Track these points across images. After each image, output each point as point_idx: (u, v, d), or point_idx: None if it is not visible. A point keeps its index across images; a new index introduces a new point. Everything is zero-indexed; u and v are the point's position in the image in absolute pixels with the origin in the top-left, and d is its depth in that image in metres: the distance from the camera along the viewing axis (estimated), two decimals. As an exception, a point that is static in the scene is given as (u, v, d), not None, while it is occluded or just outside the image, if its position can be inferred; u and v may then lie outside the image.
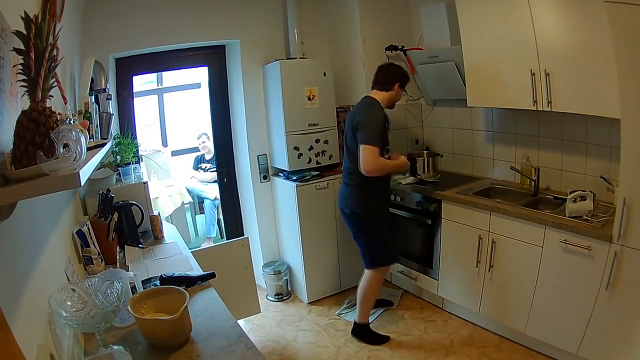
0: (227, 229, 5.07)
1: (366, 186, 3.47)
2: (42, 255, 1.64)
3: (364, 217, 3.56)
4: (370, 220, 3.56)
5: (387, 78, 3.57)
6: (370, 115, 3.40)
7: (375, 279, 3.66)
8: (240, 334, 1.86)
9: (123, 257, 2.88)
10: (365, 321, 3.76)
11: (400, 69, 3.63)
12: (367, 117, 3.39)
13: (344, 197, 3.64)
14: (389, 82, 3.54)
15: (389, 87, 3.54)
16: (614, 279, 2.65)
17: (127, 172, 3.56)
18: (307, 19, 4.53)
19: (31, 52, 1.17)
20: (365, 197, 3.51)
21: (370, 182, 3.44)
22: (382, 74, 3.60)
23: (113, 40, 3.72)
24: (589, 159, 3.35)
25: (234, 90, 4.61)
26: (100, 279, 1.79)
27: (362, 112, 3.45)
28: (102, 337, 1.73)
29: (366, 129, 3.34)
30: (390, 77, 3.56)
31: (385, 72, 3.60)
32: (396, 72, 3.58)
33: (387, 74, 3.58)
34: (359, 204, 3.53)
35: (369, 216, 3.55)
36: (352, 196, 3.56)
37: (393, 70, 3.60)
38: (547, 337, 3.15)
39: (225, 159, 4.85)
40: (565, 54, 2.91)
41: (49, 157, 1.13)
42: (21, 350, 1.11)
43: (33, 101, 1.20)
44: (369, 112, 3.43)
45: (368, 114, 3.41)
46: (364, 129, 3.34)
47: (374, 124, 3.37)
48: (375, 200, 3.54)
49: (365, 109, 3.48)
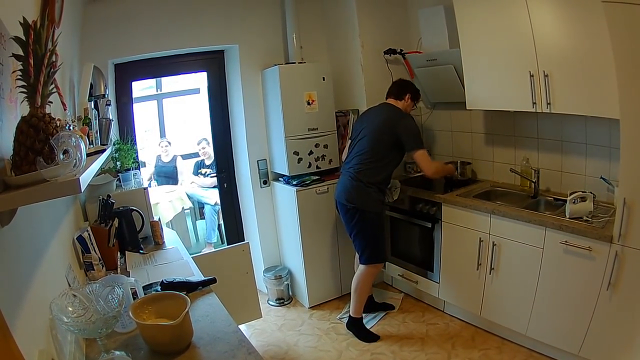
0: (228, 234, 5.06)
1: (374, 184, 3.65)
2: (43, 261, 1.64)
3: (368, 212, 3.65)
4: (373, 216, 3.67)
5: (398, 89, 3.84)
6: (410, 122, 3.69)
7: (370, 273, 3.79)
8: (241, 339, 1.85)
9: (124, 263, 2.88)
10: (359, 315, 3.85)
11: (410, 84, 3.94)
12: (409, 123, 3.66)
13: (346, 190, 3.72)
14: (401, 94, 3.81)
15: (401, 97, 3.80)
16: (615, 279, 2.64)
17: (127, 178, 3.56)
18: (305, 24, 4.53)
19: (30, 58, 1.17)
20: (370, 193, 3.64)
21: (380, 181, 3.67)
22: (396, 85, 3.89)
23: (112, 45, 3.72)
24: (588, 159, 3.35)
25: (233, 95, 4.60)
26: (101, 284, 1.79)
27: (401, 120, 3.67)
28: (103, 342, 1.73)
29: (413, 136, 3.64)
30: (402, 89, 3.83)
31: (398, 85, 3.88)
32: (409, 86, 3.88)
33: (401, 86, 3.86)
34: (364, 200, 3.65)
35: (373, 212, 3.66)
36: (359, 191, 3.65)
37: (405, 83, 3.91)
38: (548, 338, 3.14)
39: (225, 164, 4.84)
40: (564, 55, 2.92)
41: (49, 163, 1.13)
42: (23, 356, 1.11)
43: (32, 107, 1.20)
44: (407, 120, 3.69)
45: (408, 121, 3.68)
46: (412, 136, 3.63)
47: (416, 129, 3.70)
48: (378, 197, 3.69)
49: (401, 116, 3.70)
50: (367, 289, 3.84)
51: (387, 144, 3.64)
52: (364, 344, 3.73)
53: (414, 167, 4.56)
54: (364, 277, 3.77)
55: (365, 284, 3.78)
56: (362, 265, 3.78)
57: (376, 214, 3.69)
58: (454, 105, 4.26)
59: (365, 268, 3.75)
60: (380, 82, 4.30)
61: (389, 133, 3.62)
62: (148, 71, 4.40)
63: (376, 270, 3.84)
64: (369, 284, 3.83)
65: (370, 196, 3.64)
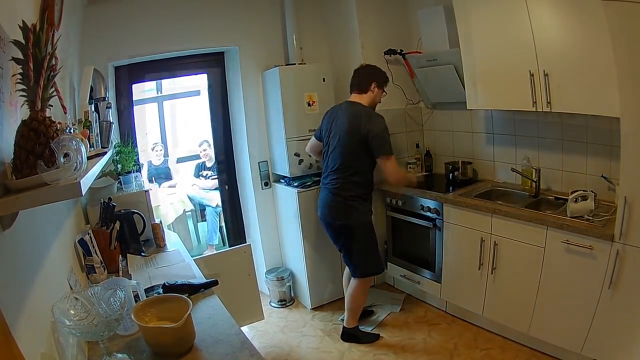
0: (229, 236, 5.06)
1: (357, 196, 3.47)
2: (44, 264, 1.64)
3: (357, 227, 3.52)
4: (363, 229, 3.54)
5: (360, 80, 3.55)
6: (380, 124, 3.38)
7: (366, 287, 3.71)
8: (243, 341, 1.85)
9: (125, 266, 2.87)
10: (354, 325, 3.78)
11: (375, 68, 3.59)
12: (378, 126, 3.37)
13: (329, 207, 3.57)
14: (364, 84, 3.53)
15: (366, 89, 3.52)
16: (617, 277, 2.64)
17: (128, 181, 3.56)
18: (305, 25, 4.54)
19: (30, 62, 1.17)
20: (355, 206, 3.48)
21: (362, 192, 3.47)
22: (356, 77, 3.59)
23: (112, 48, 3.73)
24: (589, 158, 3.35)
25: (233, 97, 4.61)
26: (103, 287, 1.78)
27: (370, 121, 3.39)
28: (105, 345, 1.73)
29: (381, 140, 3.35)
30: (364, 79, 3.54)
31: (361, 73, 3.58)
32: (370, 72, 3.56)
33: (360, 76, 3.57)
34: (351, 215, 3.50)
35: (362, 225, 3.53)
36: (344, 207, 3.50)
37: (367, 71, 3.58)
38: (550, 337, 3.14)
39: (226, 166, 4.84)
40: (564, 54, 2.92)
41: (50, 166, 1.14)
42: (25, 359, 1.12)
43: (33, 111, 1.20)
44: (376, 121, 3.40)
45: (377, 123, 3.38)
46: (380, 140, 3.35)
47: (385, 133, 3.39)
48: (365, 208, 3.53)
49: (367, 119, 3.40)
50: (363, 302, 3.76)
51: (359, 153, 3.42)
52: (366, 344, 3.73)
53: (414, 167, 4.56)
54: (359, 291, 3.66)
55: (361, 298, 3.70)
56: (355, 280, 3.66)
57: (365, 226, 3.55)
58: (454, 105, 4.26)
59: (359, 281, 3.64)
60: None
61: (358, 141, 3.38)
62: (148, 73, 4.42)
63: (369, 282, 3.76)
64: (364, 296, 3.75)
65: (357, 209, 3.49)
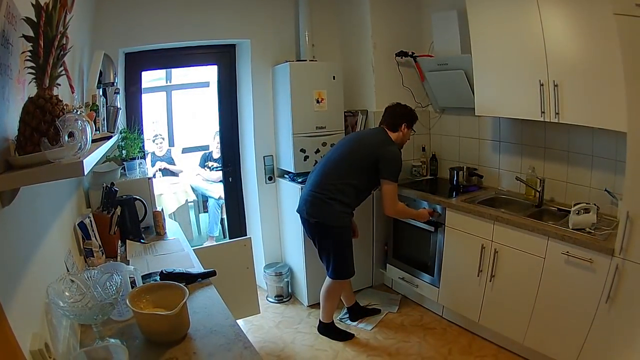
0: (230, 228, 5.07)
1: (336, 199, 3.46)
2: (42, 245, 1.64)
3: (331, 227, 3.52)
4: (337, 230, 3.54)
5: (393, 120, 3.59)
6: (394, 153, 3.46)
7: (337, 288, 3.75)
8: (238, 333, 1.85)
9: (124, 252, 2.88)
10: (330, 320, 3.84)
11: (406, 108, 3.64)
12: (392, 154, 3.45)
13: (306, 202, 3.58)
14: (396, 124, 3.57)
15: (396, 128, 3.57)
16: (615, 292, 2.63)
17: (132, 167, 3.57)
18: (318, 22, 4.52)
19: (40, 40, 1.17)
20: (333, 205, 3.47)
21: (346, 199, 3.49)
22: (388, 115, 3.63)
23: (124, 34, 3.73)
24: (594, 171, 3.33)
25: (242, 90, 4.61)
26: (100, 271, 1.78)
27: (385, 147, 3.46)
28: (99, 329, 1.72)
29: (392, 165, 3.43)
30: (397, 119, 3.58)
31: (392, 114, 3.61)
32: (403, 113, 3.59)
33: (394, 116, 3.60)
34: (323, 213, 3.50)
35: (336, 227, 3.53)
36: (316, 202, 3.51)
37: (400, 111, 3.61)
38: (545, 348, 3.13)
39: (232, 159, 4.84)
40: (575, 65, 2.91)
41: (54, 144, 1.13)
42: (15, 338, 1.11)
43: (40, 88, 1.20)
44: (392, 149, 3.47)
45: (391, 151, 3.46)
46: (390, 164, 3.43)
47: (398, 163, 3.46)
48: (342, 210, 3.51)
49: (387, 144, 3.49)
50: (336, 300, 3.80)
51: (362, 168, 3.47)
52: (360, 344, 3.73)
53: (420, 171, 4.56)
54: (331, 290, 3.71)
55: (333, 297, 3.75)
56: (329, 279, 3.69)
57: (340, 228, 3.53)
58: (462, 110, 4.25)
59: (331, 281, 3.67)
60: (390, 83, 4.33)
61: (368, 156, 3.45)
62: (158, 62, 4.41)
63: (343, 284, 3.78)
64: (338, 295, 3.81)
65: (333, 209, 3.46)
